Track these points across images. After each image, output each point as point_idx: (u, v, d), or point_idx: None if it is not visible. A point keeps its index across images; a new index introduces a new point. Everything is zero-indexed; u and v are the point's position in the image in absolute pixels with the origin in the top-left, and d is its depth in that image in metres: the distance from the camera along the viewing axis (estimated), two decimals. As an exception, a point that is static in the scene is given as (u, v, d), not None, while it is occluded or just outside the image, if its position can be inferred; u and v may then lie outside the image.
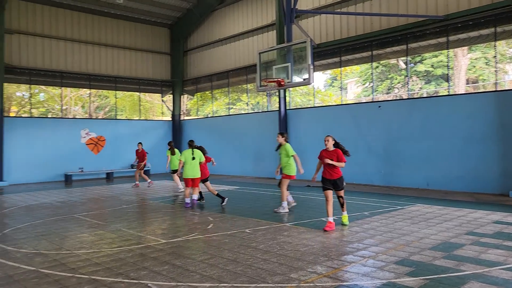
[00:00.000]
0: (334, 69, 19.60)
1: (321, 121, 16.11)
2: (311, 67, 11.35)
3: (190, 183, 9.95)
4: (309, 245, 6.18)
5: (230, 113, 22.03)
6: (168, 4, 21.28)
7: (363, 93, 30.02)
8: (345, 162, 7.43)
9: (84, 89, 23.33)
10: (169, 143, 13.98)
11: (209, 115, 23.63)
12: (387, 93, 26.29)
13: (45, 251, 6.17)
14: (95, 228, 7.82)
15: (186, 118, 24.15)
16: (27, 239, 6.98)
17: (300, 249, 5.93)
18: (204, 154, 10.44)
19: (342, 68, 16.56)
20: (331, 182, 7.37)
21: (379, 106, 14.38)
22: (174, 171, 13.64)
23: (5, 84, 17.81)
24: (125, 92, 24.12)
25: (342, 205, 7.58)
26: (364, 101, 24.30)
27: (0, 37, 16.90)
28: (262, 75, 12.96)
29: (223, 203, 10.37)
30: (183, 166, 9.97)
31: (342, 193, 7.54)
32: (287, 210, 9.11)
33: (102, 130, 20.63)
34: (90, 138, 20.12)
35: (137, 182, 15.31)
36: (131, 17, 21.71)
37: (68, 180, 18.59)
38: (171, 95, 23.85)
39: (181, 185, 13.53)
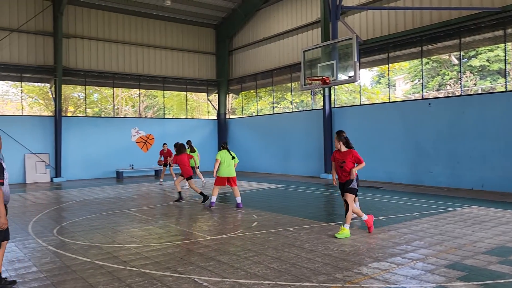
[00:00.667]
0: (381, 66, 19.10)
1: (368, 120, 15.76)
2: (357, 64, 11.12)
3: (225, 182, 9.86)
4: (354, 245, 6.08)
5: (275, 112, 22.07)
6: (213, 4, 21.64)
7: (412, 90, 28.99)
8: (363, 161, 6.77)
9: (134, 90, 24.23)
10: (187, 142, 14.60)
11: (253, 114, 23.79)
12: (438, 90, 25.24)
13: (99, 244, 6.50)
14: (145, 223, 8.12)
15: (231, 117, 24.47)
16: (83, 232, 7.38)
17: (346, 249, 5.85)
18: (183, 152, 10.82)
19: (390, 65, 16.10)
20: (342, 184, 6.90)
21: (430, 104, 13.85)
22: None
23: (63, 86, 18.91)
24: (172, 91, 24.80)
25: (346, 212, 6.77)
26: (413, 98, 23.48)
27: (58, 42, 17.95)
28: (306, 73, 12.87)
29: (205, 202, 10.43)
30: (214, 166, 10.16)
31: (348, 198, 6.73)
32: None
33: (151, 128, 21.37)
34: (139, 137, 20.91)
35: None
36: (178, 19, 22.29)
37: (119, 176, 19.43)
38: (217, 94, 24.25)
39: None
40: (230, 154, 9.90)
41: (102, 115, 27.83)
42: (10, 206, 10.65)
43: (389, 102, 16.18)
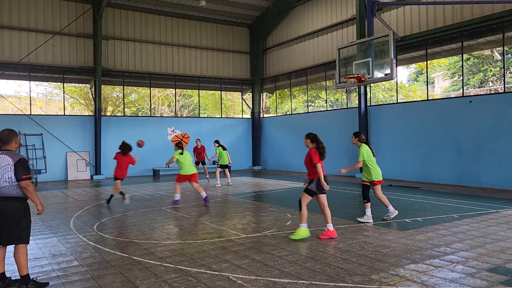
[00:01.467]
0: (419, 63, 18.56)
1: (405, 118, 15.36)
2: (394, 61, 10.85)
3: (186, 179, 10.45)
4: (391, 246, 5.95)
5: (309, 111, 21.91)
6: (247, 4, 21.73)
7: (451, 87, 28.05)
8: (316, 162, 6.40)
9: (170, 89, 24.73)
10: (216, 141, 14.89)
11: (287, 113, 23.73)
12: (479, 87, 24.28)
13: (136, 240, 6.68)
14: (180, 221, 8.28)
15: (265, 115, 24.50)
16: (121, 228, 7.62)
17: (382, 250, 5.73)
18: (129, 153, 10.82)
19: (429, 61, 15.61)
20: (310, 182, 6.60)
21: (471, 101, 13.33)
22: (225, 166, 14.67)
23: (102, 86, 19.55)
24: (207, 91, 25.13)
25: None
26: (453, 96, 22.69)
27: (98, 43, 18.58)
28: (341, 71, 12.68)
29: (125, 200, 10.42)
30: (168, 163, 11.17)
31: (302, 197, 6.56)
32: (397, 212, 8.00)
33: (186, 127, 21.74)
34: (175, 135, 21.32)
35: (207, 176, 16.54)
36: (213, 19, 22.53)
37: (155, 174, 19.88)
38: (251, 93, 24.35)
39: (219, 181, 14.71)
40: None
41: (140, 115, 28.59)
42: (54, 202, 11.16)
43: (428, 99, 15.70)
